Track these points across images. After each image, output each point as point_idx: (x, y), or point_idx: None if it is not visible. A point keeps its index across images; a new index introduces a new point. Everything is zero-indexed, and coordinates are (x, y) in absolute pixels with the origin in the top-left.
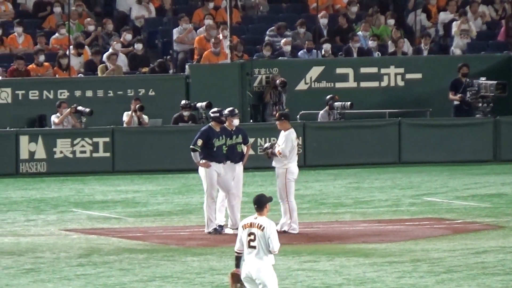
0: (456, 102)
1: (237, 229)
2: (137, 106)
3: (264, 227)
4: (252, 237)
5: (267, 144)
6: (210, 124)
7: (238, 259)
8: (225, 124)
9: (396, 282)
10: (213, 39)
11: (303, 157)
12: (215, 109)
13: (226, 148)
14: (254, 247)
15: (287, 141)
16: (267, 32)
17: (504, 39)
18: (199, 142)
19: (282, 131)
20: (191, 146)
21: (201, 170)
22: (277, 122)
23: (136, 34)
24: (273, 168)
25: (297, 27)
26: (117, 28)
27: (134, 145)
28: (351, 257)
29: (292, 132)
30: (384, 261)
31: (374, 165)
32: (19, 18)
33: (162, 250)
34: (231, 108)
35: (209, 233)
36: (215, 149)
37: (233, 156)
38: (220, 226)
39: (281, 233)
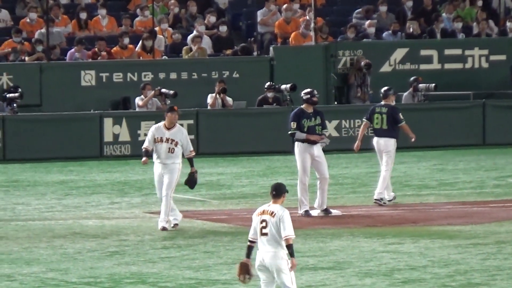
0: None
1: (322, 211)
2: (221, 88)
3: (275, 214)
4: (264, 224)
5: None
6: (302, 106)
7: (250, 249)
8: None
9: (480, 264)
10: (305, 22)
11: None
12: (307, 90)
13: (321, 128)
14: (266, 234)
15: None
16: (354, 14)
17: None
18: (293, 124)
19: (177, 128)
20: (288, 133)
21: (297, 153)
22: (175, 114)
23: (220, 16)
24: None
25: (379, 5)
26: (200, 10)
27: (218, 127)
28: (436, 239)
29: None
30: (468, 243)
31: (458, 147)
32: (103, 0)
33: (246, 233)
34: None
35: (301, 215)
36: (305, 129)
37: None
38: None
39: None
